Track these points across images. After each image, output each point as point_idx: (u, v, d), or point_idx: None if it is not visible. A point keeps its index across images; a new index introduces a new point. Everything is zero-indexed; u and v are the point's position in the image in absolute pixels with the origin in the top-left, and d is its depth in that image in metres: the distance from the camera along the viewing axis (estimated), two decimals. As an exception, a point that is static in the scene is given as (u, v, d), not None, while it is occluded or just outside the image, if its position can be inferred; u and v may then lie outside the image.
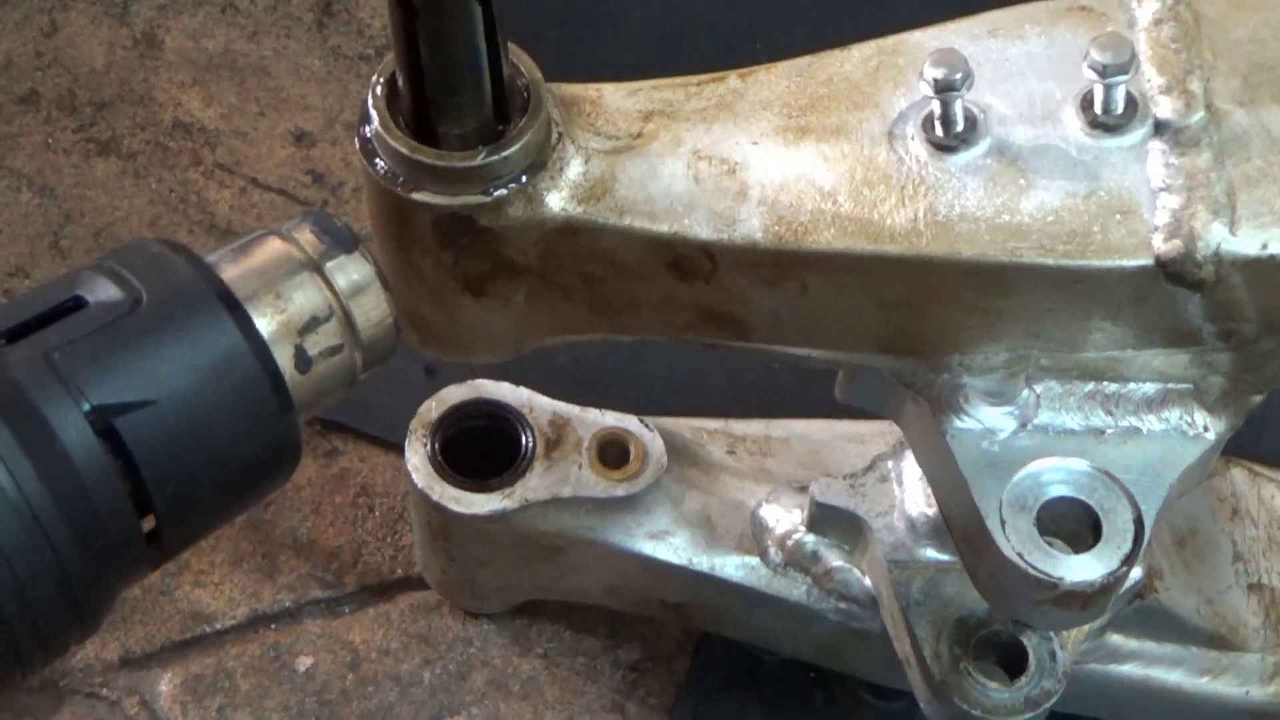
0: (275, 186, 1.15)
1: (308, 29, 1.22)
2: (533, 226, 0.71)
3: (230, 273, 0.71)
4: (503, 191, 0.69)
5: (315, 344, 0.72)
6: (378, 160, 0.70)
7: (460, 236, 0.71)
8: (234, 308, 0.69)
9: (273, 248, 0.73)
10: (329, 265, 0.73)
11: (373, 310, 0.73)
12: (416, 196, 0.70)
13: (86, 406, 0.64)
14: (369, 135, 0.70)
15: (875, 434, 0.98)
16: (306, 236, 0.74)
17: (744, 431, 0.99)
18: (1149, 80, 0.70)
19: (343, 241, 0.73)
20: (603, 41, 1.24)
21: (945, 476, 0.78)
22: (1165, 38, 0.71)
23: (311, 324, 0.72)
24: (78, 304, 0.68)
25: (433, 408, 0.94)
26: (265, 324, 0.70)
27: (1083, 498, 0.75)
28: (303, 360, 0.73)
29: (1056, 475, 0.76)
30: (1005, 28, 0.73)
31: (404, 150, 0.69)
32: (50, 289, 0.69)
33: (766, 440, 0.98)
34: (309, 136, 1.17)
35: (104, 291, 0.68)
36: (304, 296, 0.72)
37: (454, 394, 0.94)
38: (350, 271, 0.73)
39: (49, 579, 0.64)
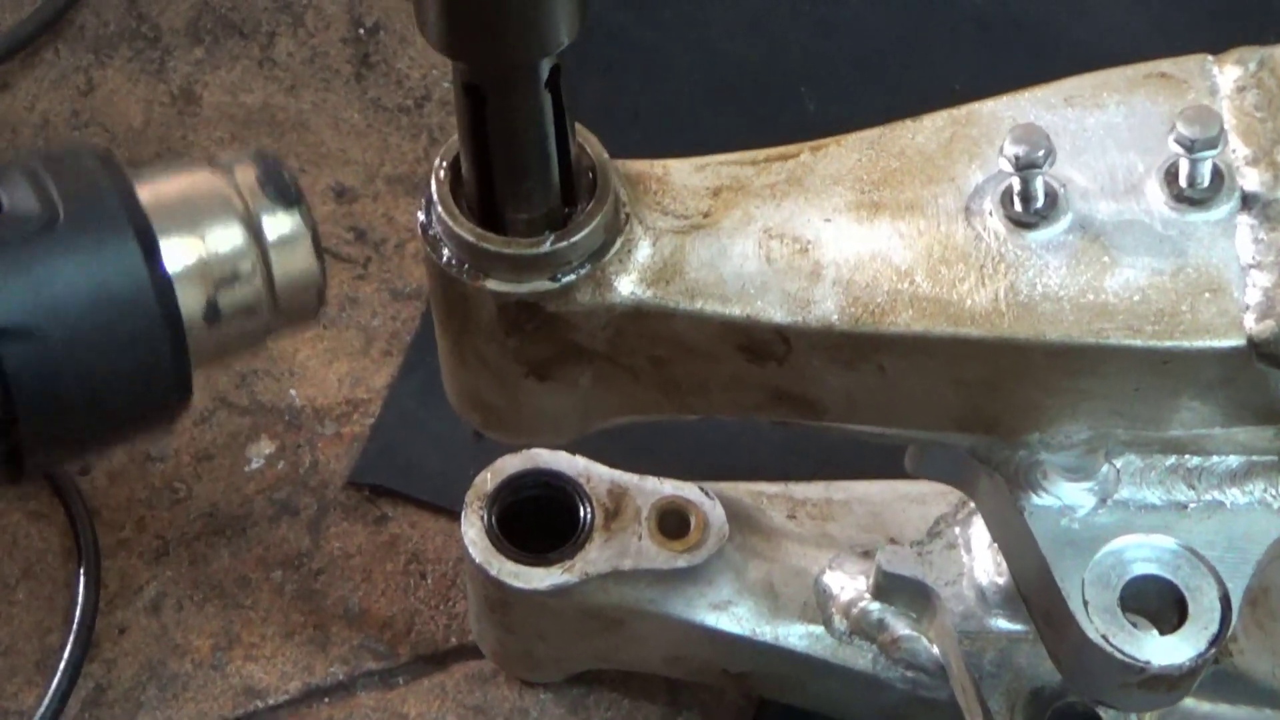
0: (318, 245, 1.13)
1: (346, 81, 1.20)
2: (601, 311, 0.69)
3: (156, 200, 0.67)
4: (571, 277, 0.68)
5: (229, 300, 0.68)
6: (442, 247, 0.68)
7: (526, 323, 0.69)
8: (150, 247, 0.66)
9: (209, 183, 0.69)
10: (264, 218, 0.69)
11: (299, 275, 0.69)
12: (482, 284, 0.68)
13: None
14: (432, 221, 0.68)
15: (937, 495, 0.96)
16: (248, 178, 0.69)
17: (804, 495, 0.97)
18: (1234, 151, 0.68)
19: (285, 195, 0.69)
20: (646, 89, 1.22)
21: (1023, 554, 0.75)
22: (1249, 106, 0.69)
23: (230, 278, 0.68)
24: None
25: (488, 479, 0.92)
26: (181, 265, 0.67)
27: (1167, 576, 0.73)
28: (212, 313, 0.68)
29: (1140, 553, 0.73)
30: (1082, 96, 0.71)
31: (469, 238, 0.67)
32: None
33: (827, 503, 0.96)
34: (350, 192, 1.16)
35: (22, 199, 0.64)
36: (229, 246, 0.68)
37: (509, 464, 0.92)
38: (283, 228, 0.69)
39: None
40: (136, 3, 1.22)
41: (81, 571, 0.99)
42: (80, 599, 0.98)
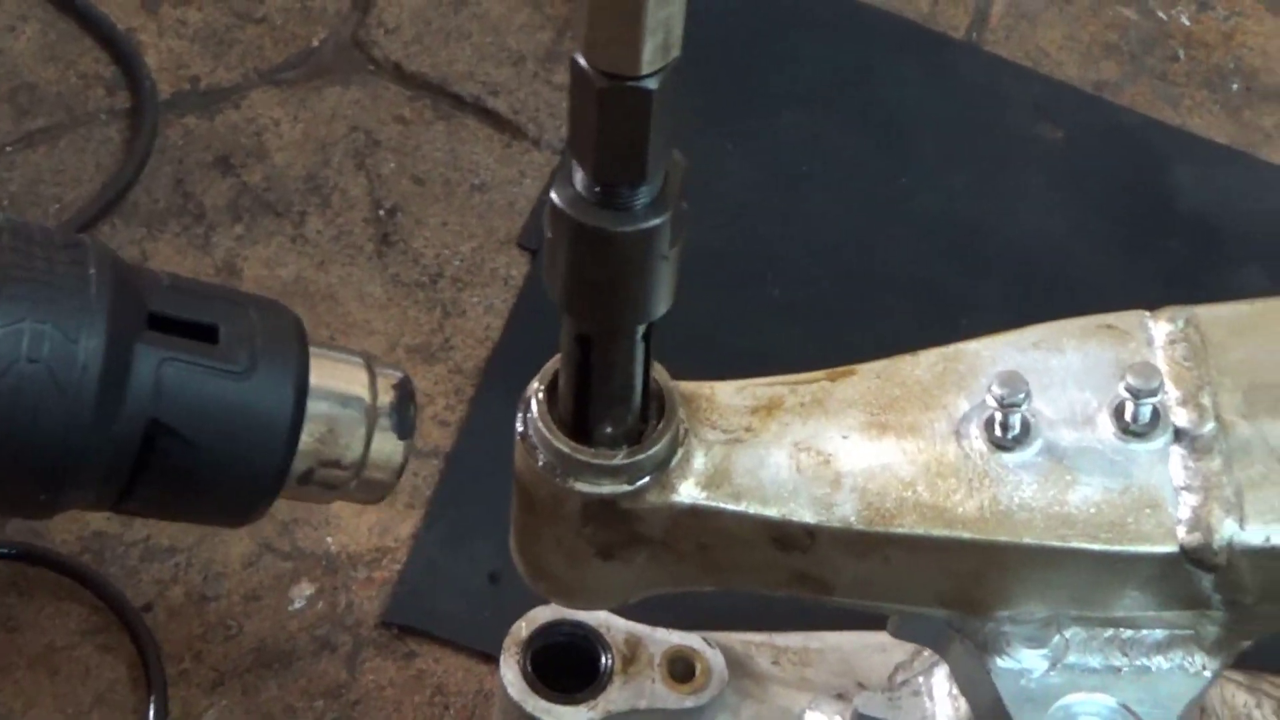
0: (348, 407, 1.28)
1: (368, 258, 1.36)
2: (664, 508, 0.85)
3: (320, 383, 0.96)
4: (643, 481, 0.83)
5: (322, 477, 0.97)
6: (538, 452, 0.84)
7: (603, 516, 0.85)
8: (294, 433, 0.95)
9: (360, 384, 0.99)
10: (379, 436, 0.98)
11: (378, 483, 1.00)
12: (570, 485, 0.83)
13: (147, 419, 0.92)
14: (530, 432, 0.84)
15: (895, 644, 1.13)
16: (388, 393, 1.00)
17: (785, 644, 1.13)
18: (1167, 393, 0.86)
19: (404, 428, 0.99)
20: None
21: (990, 707, 0.92)
22: (1179, 356, 0.87)
23: (332, 464, 0.97)
24: (211, 336, 0.94)
25: (523, 627, 1.07)
26: (308, 441, 0.96)
27: (1108, 728, 0.90)
28: (306, 478, 0.98)
29: (1085, 708, 0.90)
30: (1047, 341, 0.89)
31: (565, 449, 0.82)
32: (214, 298, 0.97)
33: (805, 651, 1.13)
34: (375, 361, 1.30)
35: (234, 345, 0.93)
36: (345, 445, 0.97)
37: (540, 615, 1.07)
38: (389, 451, 0.98)
39: None
40: (183, 183, 1.37)
41: (151, 699, 1.12)
42: (151, 724, 1.11)
